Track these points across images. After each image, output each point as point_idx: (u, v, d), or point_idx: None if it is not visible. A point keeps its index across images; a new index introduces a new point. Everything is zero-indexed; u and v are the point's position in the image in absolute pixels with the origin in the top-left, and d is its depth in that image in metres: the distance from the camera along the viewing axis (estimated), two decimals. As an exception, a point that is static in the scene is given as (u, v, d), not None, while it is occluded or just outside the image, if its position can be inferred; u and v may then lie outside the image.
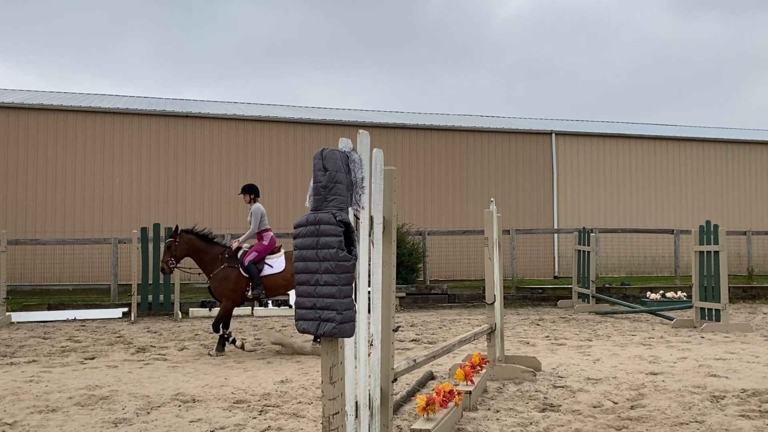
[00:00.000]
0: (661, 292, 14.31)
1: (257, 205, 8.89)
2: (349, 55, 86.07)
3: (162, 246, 13.61)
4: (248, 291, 8.66)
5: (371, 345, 3.69)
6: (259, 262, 8.71)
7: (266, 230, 8.90)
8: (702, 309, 11.15)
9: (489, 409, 5.34)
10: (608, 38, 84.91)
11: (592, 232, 14.81)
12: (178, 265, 9.01)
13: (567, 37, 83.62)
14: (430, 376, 6.76)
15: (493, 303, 6.69)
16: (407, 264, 15.91)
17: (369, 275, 3.64)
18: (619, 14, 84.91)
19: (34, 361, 7.99)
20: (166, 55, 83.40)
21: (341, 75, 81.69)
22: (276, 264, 8.75)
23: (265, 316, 13.12)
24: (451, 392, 4.82)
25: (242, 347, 8.60)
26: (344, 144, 3.27)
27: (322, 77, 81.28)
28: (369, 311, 3.64)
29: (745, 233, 19.41)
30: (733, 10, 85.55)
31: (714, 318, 10.83)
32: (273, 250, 8.89)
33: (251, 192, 9.01)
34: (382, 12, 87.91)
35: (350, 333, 3.06)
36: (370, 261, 3.62)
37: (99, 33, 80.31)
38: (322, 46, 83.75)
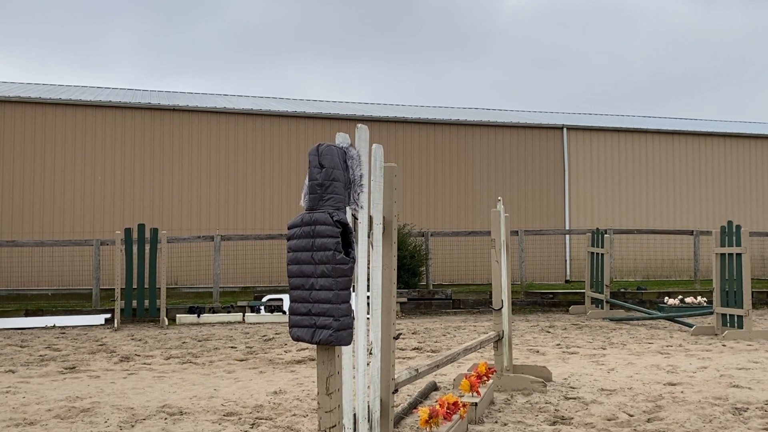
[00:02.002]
0: (680, 297, 14.31)
1: None
2: (348, 45, 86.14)
3: (147, 248, 13.69)
4: None
5: (370, 353, 3.70)
6: None
7: None
8: (723, 315, 11.16)
9: (496, 422, 5.34)
10: (624, 26, 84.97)
11: (606, 233, 14.82)
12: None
13: (580, 26, 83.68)
14: (434, 387, 6.76)
15: (500, 309, 6.70)
16: (409, 267, 15.92)
17: (368, 279, 3.64)
18: (636, 1, 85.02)
19: (10, 370, 8.00)
20: (151, 44, 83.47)
21: (339, 66, 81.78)
22: None
23: (256, 323, 13.14)
24: (455, 404, 4.82)
25: None
26: (342, 139, 3.27)
27: (319, 68, 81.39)
28: (368, 317, 3.64)
29: (769, 234, 19.43)
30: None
31: (736, 325, 10.84)
32: None
33: None
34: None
35: (348, 341, 3.06)
36: (369, 264, 3.63)
37: (79, 20, 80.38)
38: (318, 35, 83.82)
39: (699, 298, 14.08)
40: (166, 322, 12.97)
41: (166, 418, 5.56)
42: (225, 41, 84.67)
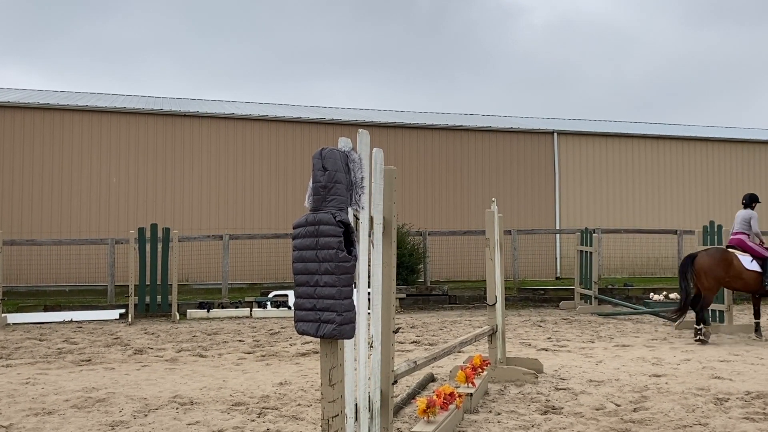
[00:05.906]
0: (665, 293, 14.30)
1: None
2: (366, 61, 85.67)
3: (159, 246, 13.66)
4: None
5: (371, 346, 3.69)
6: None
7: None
8: (706, 310, 11.14)
9: (490, 412, 5.34)
10: (623, 44, 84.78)
11: (594, 233, 14.80)
12: None
13: (583, 46, 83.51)
14: (431, 378, 6.76)
15: (494, 304, 6.69)
16: (407, 265, 15.91)
17: (369, 276, 3.64)
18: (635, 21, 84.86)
19: (30, 363, 7.99)
20: (191, 63, 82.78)
21: (356, 78, 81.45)
22: None
23: (263, 318, 13.13)
24: (451, 394, 4.82)
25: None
26: (344, 143, 3.27)
27: (342, 81, 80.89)
28: (369, 312, 3.64)
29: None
30: (742, 22, 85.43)
31: (718, 319, 10.83)
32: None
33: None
34: (406, 26, 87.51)
35: (350, 334, 3.05)
36: (369, 262, 3.62)
37: (126, 49, 79.87)
38: (338, 56, 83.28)
39: (682, 294, 14.05)
40: (178, 317, 12.95)
41: (177, 408, 5.56)
42: (258, 60, 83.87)
